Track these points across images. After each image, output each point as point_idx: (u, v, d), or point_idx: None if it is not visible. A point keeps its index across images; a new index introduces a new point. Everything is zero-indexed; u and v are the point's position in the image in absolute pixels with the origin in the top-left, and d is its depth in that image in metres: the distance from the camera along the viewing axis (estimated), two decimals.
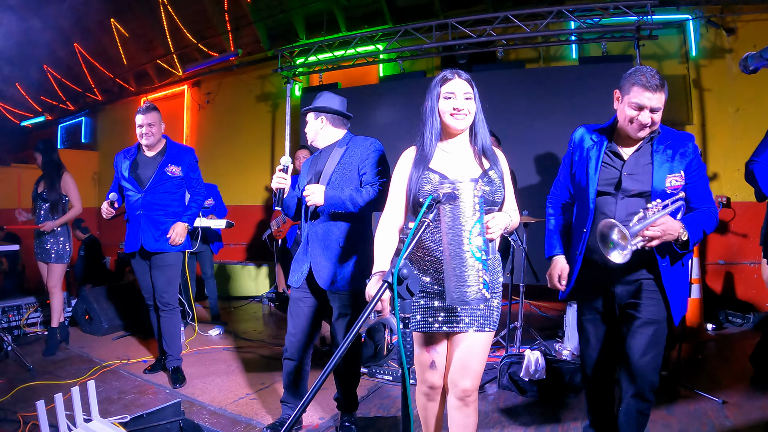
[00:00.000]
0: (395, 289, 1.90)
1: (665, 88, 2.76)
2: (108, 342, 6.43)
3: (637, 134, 2.83)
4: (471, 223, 2.26)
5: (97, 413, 3.45)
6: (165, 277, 4.98)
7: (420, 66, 9.09)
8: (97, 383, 4.79)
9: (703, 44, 7.46)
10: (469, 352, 2.70)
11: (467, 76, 2.73)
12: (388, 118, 8.04)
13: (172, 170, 4.99)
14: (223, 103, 11.76)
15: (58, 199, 5.95)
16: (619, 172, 2.89)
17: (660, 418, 3.87)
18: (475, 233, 2.27)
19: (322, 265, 3.65)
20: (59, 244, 5.94)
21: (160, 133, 5.03)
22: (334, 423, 4.03)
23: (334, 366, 1.76)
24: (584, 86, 6.94)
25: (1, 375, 5.10)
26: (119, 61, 12.65)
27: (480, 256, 2.28)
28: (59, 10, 11.49)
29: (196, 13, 11.01)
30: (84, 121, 15.10)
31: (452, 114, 2.69)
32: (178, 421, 3.63)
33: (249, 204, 10.79)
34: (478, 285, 2.27)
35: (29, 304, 6.83)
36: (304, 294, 3.79)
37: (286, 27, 10.50)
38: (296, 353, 3.80)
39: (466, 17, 7.81)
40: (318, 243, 3.67)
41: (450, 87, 2.69)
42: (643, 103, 2.74)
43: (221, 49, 11.02)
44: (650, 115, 2.76)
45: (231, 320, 7.83)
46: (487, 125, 2.82)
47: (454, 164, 2.74)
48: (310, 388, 1.70)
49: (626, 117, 2.83)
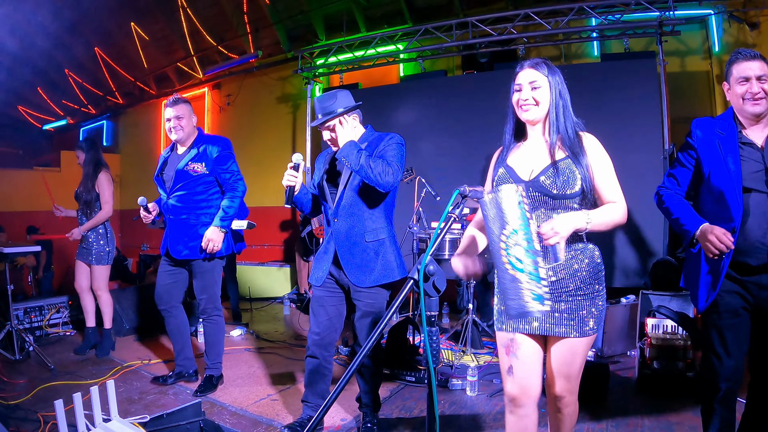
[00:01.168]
0: (421, 286, 1.85)
1: (765, 59, 2.74)
2: (130, 343, 6.46)
3: (753, 109, 2.75)
4: (508, 232, 2.07)
5: (116, 413, 3.44)
6: (199, 284, 4.75)
7: (441, 65, 9.05)
8: (118, 383, 4.84)
9: (726, 39, 7.36)
10: (561, 356, 2.56)
11: (540, 62, 2.57)
12: (409, 118, 8.01)
13: (194, 168, 4.61)
14: (244, 104, 11.83)
15: (91, 199, 5.85)
16: (763, 165, 2.73)
17: (687, 420, 3.83)
18: (512, 243, 2.07)
19: (346, 262, 3.62)
20: (99, 245, 5.82)
21: (191, 126, 4.71)
22: (356, 424, 4.02)
23: (359, 365, 1.73)
24: (606, 83, 6.88)
25: (23, 375, 5.14)
26: (140, 65, 12.78)
27: (523, 267, 2.06)
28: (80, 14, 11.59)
29: (216, 16, 11.09)
30: (105, 124, 15.26)
31: (520, 106, 2.57)
32: (199, 421, 3.61)
33: (270, 205, 10.81)
34: (521, 299, 2.06)
35: (51, 305, 6.86)
36: (326, 292, 3.77)
37: (306, 28, 10.54)
38: (318, 351, 3.77)
39: (486, 15, 7.77)
40: (342, 240, 3.64)
41: (518, 79, 2.58)
42: (746, 73, 2.73)
43: (241, 51, 11.07)
44: (759, 85, 2.70)
45: (252, 321, 7.85)
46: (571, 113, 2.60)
47: (525, 158, 2.61)
48: (334, 388, 1.67)
49: (738, 96, 2.78)
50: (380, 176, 3.35)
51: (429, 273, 1.87)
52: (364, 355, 1.78)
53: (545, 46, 8.10)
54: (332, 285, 3.77)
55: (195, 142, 4.72)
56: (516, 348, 2.58)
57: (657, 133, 6.57)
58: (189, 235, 4.63)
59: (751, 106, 2.75)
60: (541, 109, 2.54)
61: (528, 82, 2.53)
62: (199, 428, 3.59)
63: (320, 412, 1.70)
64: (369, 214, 3.61)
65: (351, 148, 3.39)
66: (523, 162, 2.60)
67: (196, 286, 4.77)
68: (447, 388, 4.73)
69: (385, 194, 3.64)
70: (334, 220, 3.66)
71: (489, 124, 5.14)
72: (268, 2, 10.27)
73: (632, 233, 6.44)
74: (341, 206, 3.63)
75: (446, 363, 5.15)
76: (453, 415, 4.22)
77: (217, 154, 4.65)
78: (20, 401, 4.44)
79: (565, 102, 2.57)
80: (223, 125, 12.20)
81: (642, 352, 4.77)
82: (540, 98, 2.52)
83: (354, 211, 3.61)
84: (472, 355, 5.49)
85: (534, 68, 2.54)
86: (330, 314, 3.77)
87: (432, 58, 8.77)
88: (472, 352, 5.56)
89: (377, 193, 3.57)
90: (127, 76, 13.32)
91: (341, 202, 3.62)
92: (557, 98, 2.54)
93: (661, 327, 4.86)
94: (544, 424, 2.81)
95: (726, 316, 2.83)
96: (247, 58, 10.79)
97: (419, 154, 7.53)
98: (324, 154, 3.92)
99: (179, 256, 4.65)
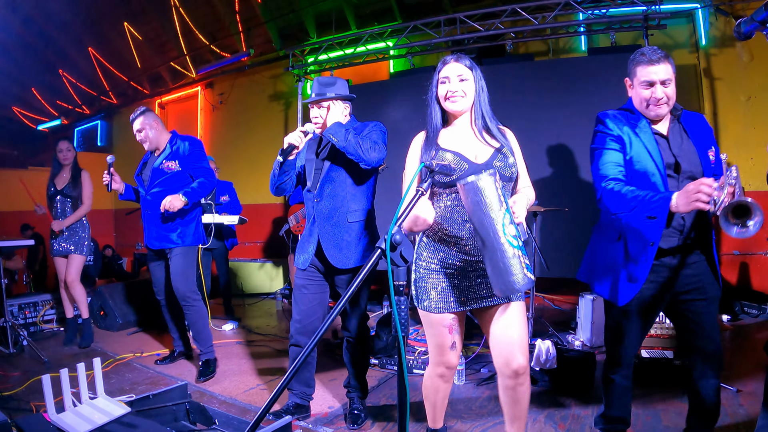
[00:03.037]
0: (388, 256, 1.90)
1: (669, 59, 2.75)
2: (122, 337, 6.53)
3: (656, 112, 2.79)
4: (501, 215, 2.26)
5: (102, 391, 3.47)
6: (174, 270, 4.91)
7: (430, 61, 9.07)
8: (111, 375, 4.95)
9: (713, 33, 7.40)
10: (509, 326, 2.67)
11: (465, 58, 2.75)
12: (399, 114, 8.03)
13: (168, 166, 4.93)
14: (236, 103, 11.89)
15: (78, 195, 6.09)
16: (672, 154, 2.78)
17: (673, 406, 3.87)
18: (507, 222, 2.28)
19: (330, 244, 3.66)
20: (77, 237, 6.05)
21: (156, 133, 5.02)
22: (344, 411, 4.07)
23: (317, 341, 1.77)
24: (594, 77, 6.91)
25: (17, 368, 5.19)
26: (133, 65, 12.83)
27: (517, 243, 2.29)
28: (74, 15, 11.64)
29: (208, 15, 11.14)
30: (100, 124, 15.27)
31: (447, 98, 2.73)
32: (185, 403, 3.64)
33: (263, 202, 10.86)
34: (522, 271, 2.27)
35: (45, 301, 6.92)
36: (309, 279, 3.81)
37: (297, 26, 10.59)
38: (301, 339, 3.80)
39: (474, 11, 7.82)
40: (324, 221, 3.67)
41: (445, 72, 2.73)
42: (651, 78, 2.74)
43: (233, 50, 11.12)
44: (663, 90, 2.74)
45: (245, 316, 7.90)
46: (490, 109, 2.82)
47: (461, 144, 2.75)
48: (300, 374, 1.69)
49: (641, 99, 2.81)
50: (368, 152, 3.43)
51: (395, 242, 1.90)
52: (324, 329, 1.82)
53: (533, 41, 8.15)
54: (314, 273, 3.80)
55: (169, 142, 5.04)
56: (458, 326, 2.83)
57: None
58: (163, 227, 4.93)
59: (654, 111, 2.79)
60: (467, 101, 2.74)
61: (456, 75, 2.72)
62: (185, 410, 3.61)
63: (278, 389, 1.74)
64: (351, 195, 3.67)
65: (339, 126, 3.48)
66: (462, 147, 2.75)
67: (174, 271, 4.93)
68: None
69: (369, 175, 3.71)
70: (316, 201, 3.69)
71: None
72: (260, 1, 10.31)
73: None
74: (324, 187, 3.66)
75: None
76: None
77: (189, 152, 4.98)
78: (14, 392, 4.49)
79: (487, 95, 2.80)
80: (216, 124, 12.25)
81: None
82: (467, 90, 2.73)
83: (337, 191, 3.65)
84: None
85: (463, 64, 2.74)
86: (312, 302, 3.81)
87: (421, 54, 8.80)
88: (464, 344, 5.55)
89: (360, 173, 3.64)
90: (120, 76, 13.36)
91: (324, 184, 3.66)
92: (480, 91, 2.77)
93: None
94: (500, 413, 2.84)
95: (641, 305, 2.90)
96: (239, 57, 10.83)
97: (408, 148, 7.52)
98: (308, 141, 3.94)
99: (155, 247, 4.98)
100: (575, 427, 3.63)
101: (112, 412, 3.16)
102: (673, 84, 2.77)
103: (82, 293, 6.14)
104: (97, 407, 3.26)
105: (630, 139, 2.83)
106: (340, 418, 3.97)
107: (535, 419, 3.77)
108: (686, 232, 2.77)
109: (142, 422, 3.10)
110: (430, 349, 2.92)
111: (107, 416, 3.11)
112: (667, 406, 3.87)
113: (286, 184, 3.77)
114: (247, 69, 11.40)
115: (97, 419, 3.06)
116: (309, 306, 3.81)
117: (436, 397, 3.01)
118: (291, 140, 3.50)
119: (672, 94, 2.77)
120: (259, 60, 11.27)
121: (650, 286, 2.82)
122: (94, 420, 3.05)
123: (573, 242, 6.51)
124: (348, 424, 3.80)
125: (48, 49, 12.70)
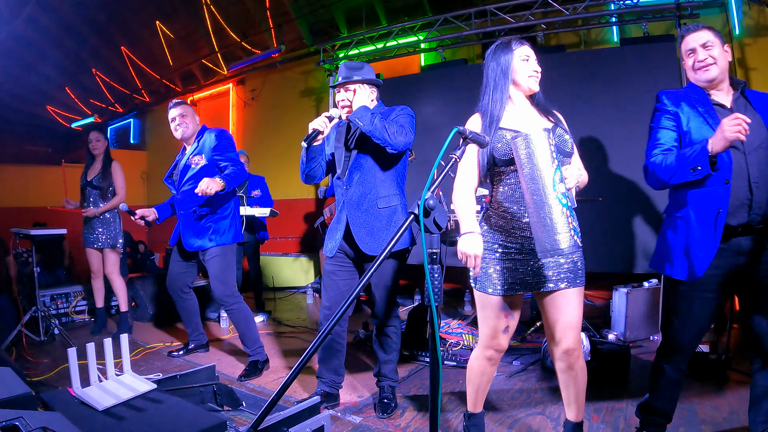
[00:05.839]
0: (421, 221, 1.86)
1: (711, 29, 2.79)
2: (152, 327, 6.71)
3: (704, 76, 2.80)
4: (552, 170, 2.28)
5: (129, 368, 3.45)
6: (212, 273, 4.80)
7: (461, 54, 9.11)
8: (140, 363, 5.07)
9: (747, 22, 7.30)
10: (563, 310, 2.73)
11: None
12: (430, 107, 8.07)
13: (195, 161, 4.81)
14: (268, 99, 11.99)
15: (107, 186, 6.18)
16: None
17: (709, 400, 3.86)
18: (557, 180, 2.29)
19: (360, 230, 3.66)
20: (110, 230, 6.12)
21: (194, 124, 4.94)
22: (373, 400, 4.08)
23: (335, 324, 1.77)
24: (626, 68, 6.88)
25: (48, 355, 5.35)
26: (165, 63, 12.99)
27: (566, 203, 2.30)
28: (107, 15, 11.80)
29: (239, 12, 11.24)
30: (132, 122, 15.49)
31: (530, 76, 2.82)
32: (212, 385, 3.62)
33: (294, 198, 10.96)
34: (569, 231, 2.27)
35: (77, 292, 7.07)
36: (338, 265, 3.82)
37: (328, 22, 10.66)
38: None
39: (504, 3, 7.81)
40: (354, 208, 3.68)
41: (525, 51, 2.82)
42: (691, 45, 2.80)
43: (264, 47, 11.20)
44: (706, 52, 2.76)
45: (275, 310, 7.99)
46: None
47: (523, 121, 2.80)
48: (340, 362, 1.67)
49: (689, 68, 2.86)
50: (394, 136, 3.42)
51: (429, 207, 1.84)
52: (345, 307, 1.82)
53: (564, 33, 8.12)
54: (344, 259, 3.82)
55: (196, 138, 4.95)
56: (513, 310, 2.86)
57: None
58: (198, 227, 4.79)
59: (703, 75, 2.80)
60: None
61: (534, 57, 2.87)
62: (212, 392, 3.61)
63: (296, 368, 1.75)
64: (381, 180, 3.68)
65: (365, 110, 3.48)
66: (523, 124, 2.79)
67: (211, 275, 4.82)
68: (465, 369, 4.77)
69: (397, 160, 3.71)
70: (345, 188, 3.71)
71: None
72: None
73: (653, 218, 6.43)
74: (353, 174, 3.68)
75: (466, 347, 5.20)
76: None
77: (215, 143, 4.80)
78: (43, 378, 4.63)
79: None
80: (248, 120, 12.38)
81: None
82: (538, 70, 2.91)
83: (366, 178, 3.67)
84: None
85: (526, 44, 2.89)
86: (341, 288, 3.81)
87: (452, 47, 8.82)
88: None
89: (389, 158, 3.65)
90: (153, 74, 13.55)
91: (353, 171, 3.68)
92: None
93: None
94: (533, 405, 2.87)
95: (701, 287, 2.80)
96: (270, 53, 10.89)
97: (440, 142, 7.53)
98: (334, 127, 3.95)
99: (191, 248, 4.80)
100: (609, 418, 3.64)
101: (138, 388, 3.18)
102: (717, 48, 2.77)
103: (121, 287, 6.24)
104: (123, 383, 3.27)
105: (687, 112, 2.83)
106: (369, 407, 3.98)
107: None
108: (756, 207, 2.65)
109: (168, 398, 3.10)
110: (481, 331, 2.95)
111: (133, 392, 3.12)
112: (703, 400, 3.87)
113: (315, 171, 3.78)
114: (278, 65, 11.48)
115: (122, 394, 3.08)
116: (338, 292, 3.81)
117: (480, 380, 3.05)
118: (315, 125, 3.49)
119: (718, 56, 2.77)
120: (290, 56, 11.36)
121: (718, 263, 2.72)
122: (119, 395, 3.06)
123: (605, 235, 6.49)
124: (378, 413, 3.80)
125: (82, 48, 12.90)
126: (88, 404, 2.93)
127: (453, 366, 4.84)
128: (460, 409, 3.86)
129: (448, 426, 3.60)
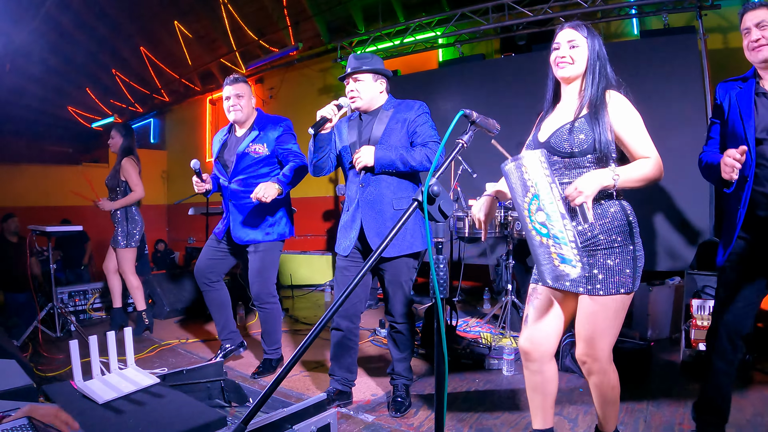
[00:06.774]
0: (425, 209, 1.76)
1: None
2: (169, 324, 6.67)
3: (756, 56, 2.70)
4: (530, 197, 2.11)
5: (133, 362, 3.40)
6: (252, 268, 4.51)
7: (479, 49, 9.01)
8: (154, 359, 5.03)
9: None
10: (579, 319, 2.52)
11: (579, 23, 2.58)
12: (448, 103, 7.99)
13: (255, 149, 4.39)
14: (286, 97, 12.01)
15: (115, 185, 5.95)
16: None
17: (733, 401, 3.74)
18: (534, 209, 2.10)
19: (374, 232, 3.58)
20: (124, 229, 5.92)
21: (250, 107, 4.51)
22: (387, 399, 4.00)
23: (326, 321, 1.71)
24: (646, 60, 6.73)
25: (62, 351, 5.32)
26: (184, 62, 13.09)
27: (548, 232, 2.08)
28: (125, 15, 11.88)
29: (257, 11, 11.29)
30: (153, 122, 15.60)
31: (556, 64, 2.60)
32: (220, 381, 3.51)
33: (313, 196, 10.95)
34: (551, 263, 2.09)
35: (95, 289, 7.07)
36: (351, 261, 3.74)
37: (345, 19, 10.63)
38: (343, 323, 3.76)
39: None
40: (369, 208, 3.60)
41: (557, 38, 2.61)
42: (747, 24, 2.69)
43: (282, 45, 11.23)
44: (758, 32, 2.66)
45: (292, 307, 7.95)
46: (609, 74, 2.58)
47: (553, 119, 2.66)
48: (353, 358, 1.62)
49: (746, 48, 2.75)
50: (422, 163, 3.45)
51: (433, 194, 1.76)
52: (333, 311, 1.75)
53: None
54: (356, 255, 3.74)
55: (255, 123, 4.53)
56: (535, 297, 2.67)
57: (700, 111, 6.35)
58: (254, 219, 4.46)
59: (754, 56, 2.71)
60: (575, 68, 2.55)
61: (567, 41, 2.56)
62: (219, 388, 3.51)
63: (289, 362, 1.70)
64: (398, 182, 3.59)
65: (385, 159, 3.47)
66: (550, 123, 2.64)
67: (252, 269, 4.52)
68: (483, 368, 4.70)
69: None
70: (361, 186, 3.63)
71: (528, 105, 5.07)
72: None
73: (676, 215, 6.31)
74: (368, 173, 3.61)
75: (484, 345, 5.11)
76: (487, 391, 4.19)
77: (279, 134, 4.45)
78: (57, 373, 4.64)
79: (603, 62, 2.56)
80: None
81: (687, 334, 4.61)
82: (577, 57, 2.54)
83: (383, 177, 3.58)
84: (511, 338, 5.38)
85: (576, 29, 2.55)
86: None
87: (470, 42, 8.75)
88: (512, 335, 5.47)
89: None
90: (172, 74, 13.66)
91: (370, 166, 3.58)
92: (595, 59, 2.54)
93: (706, 308, 4.62)
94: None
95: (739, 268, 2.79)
96: (287, 51, 10.92)
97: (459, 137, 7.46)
98: (345, 120, 3.88)
99: (242, 242, 4.47)
100: (629, 420, 3.54)
101: (140, 382, 3.13)
102: None
103: (136, 286, 6.08)
104: (126, 377, 3.23)
105: (730, 102, 2.78)
106: (382, 406, 3.90)
107: (587, 411, 3.68)
108: None
109: (169, 392, 3.03)
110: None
111: (135, 386, 3.07)
112: None
113: (324, 162, 3.68)
114: (296, 63, 11.51)
115: (123, 388, 3.03)
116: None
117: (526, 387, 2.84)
118: (323, 113, 3.38)
119: None
120: (308, 54, 11.36)
121: (745, 240, 2.72)
122: (121, 389, 3.02)
123: None
124: (391, 412, 3.73)
125: (101, 49, 13.03)
126: (88, 397, 2.91)
127: (470, 363, 4.77)
128: (475, 410, 3.77)
129: (461, 426, 3.51)
